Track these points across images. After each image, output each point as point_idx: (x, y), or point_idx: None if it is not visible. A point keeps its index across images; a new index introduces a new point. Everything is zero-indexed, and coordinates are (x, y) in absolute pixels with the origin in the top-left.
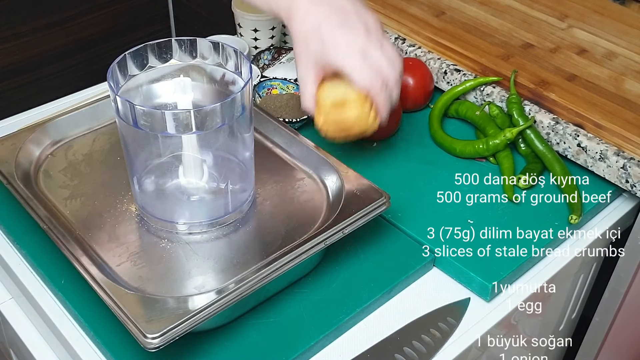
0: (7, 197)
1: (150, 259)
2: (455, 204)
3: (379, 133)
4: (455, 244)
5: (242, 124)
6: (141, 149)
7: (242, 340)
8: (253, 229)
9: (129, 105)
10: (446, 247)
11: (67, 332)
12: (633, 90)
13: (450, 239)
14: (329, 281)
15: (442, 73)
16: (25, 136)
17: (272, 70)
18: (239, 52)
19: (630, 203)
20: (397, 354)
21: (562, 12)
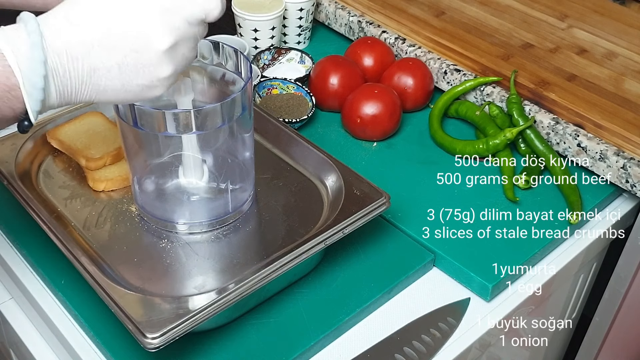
0: (7, 197)
1: (150, 259)
2: (456, 204)
3: (379, 133)
4: (455, 244)
5: (242, 124)
6: (141, 148)
7: (242, 340)
8: (253, 229)
9: (129, 106)
10: (446, 247)
11: (67, 332)
12: (633, 90)
13: (450, 238)
14: (329, 281)
15: (442, 73)
16: (25, 136)
17: (272, 70)
18: (238, 52)
19: (630, 203)
20: (397, 354)
21: (562, 12)
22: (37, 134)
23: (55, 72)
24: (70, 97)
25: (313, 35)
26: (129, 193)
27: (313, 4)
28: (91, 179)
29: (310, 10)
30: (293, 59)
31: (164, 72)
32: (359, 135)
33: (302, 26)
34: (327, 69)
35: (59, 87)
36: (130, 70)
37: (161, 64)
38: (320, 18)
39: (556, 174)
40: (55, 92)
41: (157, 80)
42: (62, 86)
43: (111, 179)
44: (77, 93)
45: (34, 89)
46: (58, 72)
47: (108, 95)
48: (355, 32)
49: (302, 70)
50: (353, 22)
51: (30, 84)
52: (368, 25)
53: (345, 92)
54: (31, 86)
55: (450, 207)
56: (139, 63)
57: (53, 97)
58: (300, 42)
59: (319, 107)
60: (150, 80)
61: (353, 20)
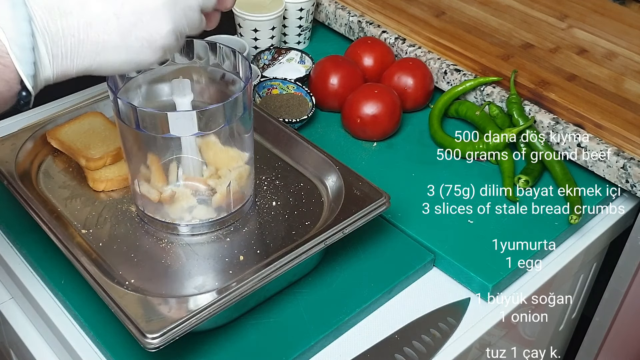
0: (7, 197)
1: (150, 259)
2: (456, 204)
3: (379, 133)
4: (455, 243)
5: (242, 125)
6: (141, 150)
7: (242, 340)
8: (253, 229)
9: (131, 107)
10: (446, 247)
11: (67, 332)
12: (633, 90)
13: (450, 238)
14: (329, 281)
15: (442, 73)
16: (25, 136)
17: (272, 70)
18: (236, 52)
19: (630, 203)
20: (397, 354)
21: (562, 12)
22: (37, 134)
23: (46, 31)
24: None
25: (313, 35)
26: (129, 193)
27: (313, 4)
28: (91, 179)
29: (310, 10)
30: (293, 59)
31: (163, 25)
32: (359, 135)
33: (302, 26)
34: (327, 69)
35: (52, 49)
36: (129, 20)
37: (159, 15)
38: (320, 18)
39: (556, 174)
40: (48, 54)
41: (157, 34)
42: (55, 47)
43: (111, 179)
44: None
45: (23, 50)
46: (50, 29)
47: (108, 56)
48: (355, 32)
49: (302, 70)
50: (353, 22)
51: (17, 45)
52: (368, 25)
53: (345, 92)
54: (18, 47)
55: (451, 207)
56: (137, 11)
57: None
58: (300, 42)
59: (319, 107)
60: (149, 33)
61: (353, 20)
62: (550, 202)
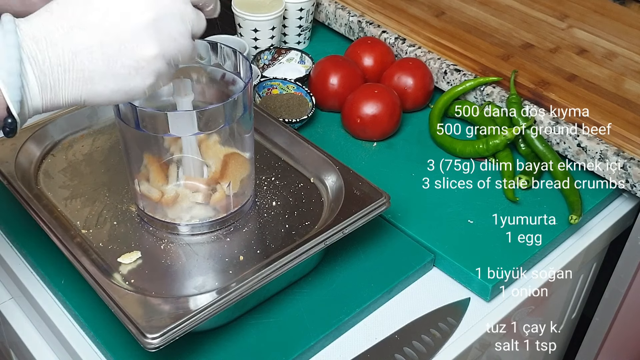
0: (7, 197)
1: (150, 259)
2: (455, 204)
3: (379, 133)
4: (455, 244)
5: (243, 125)
6: (141, 150)
7: (242, 340)
8: (253, 229)
9: (131, 107)
10: (446, 247)
11: (67, 332)
12: (633, 90)
13: (450, 238)
14: (329, 281)
15: (442, 73)
16: (25, 136)
17: (272, 70)
18: (237, 52)
19: (630, 203)
20: (397, 354)
21: (562, 12)
22: (37, 134)
23: (34, 60)
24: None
25: (313, 35)
26: (129, 193)
27: (313, 4)
28: None
29: (310, 10)
30: (293, 59)
31: (148, 50)
32: (359, 135)
33: (302, 26)
34: (327, 69)
35: (40, 77)
36: (113, 48)
37: (144, 40)
38: (320, 18)
39: (556, 174)
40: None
41: (143, 60)
42: (43, 76)
43: None
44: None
45: (10, 74)
46: (37, 59)
47: (97, 85)
48: (355, 32)
49: (302, 70)
50: (353, 22)
51: (4, 69)
52: (368, 25)
53: (345, 92)
54: (5, 72)
55: (451, 208)
56: (120, 38)
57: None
58: (300, 42)
59: (319, 107)
60: (134, 59)
61: (353, 20)
62: (549, 202)
